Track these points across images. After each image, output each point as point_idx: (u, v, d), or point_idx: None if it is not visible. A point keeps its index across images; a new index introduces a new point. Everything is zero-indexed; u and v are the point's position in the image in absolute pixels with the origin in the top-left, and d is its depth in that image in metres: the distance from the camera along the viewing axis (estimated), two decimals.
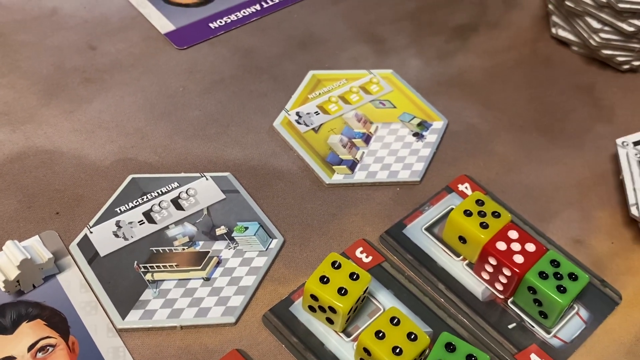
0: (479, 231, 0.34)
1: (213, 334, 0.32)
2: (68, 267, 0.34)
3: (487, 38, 0.49)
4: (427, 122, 0.42)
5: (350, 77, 0.45)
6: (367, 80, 0.45)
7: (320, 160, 0.39)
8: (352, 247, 0.36)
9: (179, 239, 0.36)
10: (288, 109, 0.42)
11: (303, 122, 0.41)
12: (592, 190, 0.40)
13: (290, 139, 0.40)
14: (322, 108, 0.43)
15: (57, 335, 0.32)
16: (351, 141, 0.41)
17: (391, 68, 0.46)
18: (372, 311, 0.33)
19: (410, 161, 0.40)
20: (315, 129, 0.41)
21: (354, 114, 0.42)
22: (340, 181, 0.39)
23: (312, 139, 0.41)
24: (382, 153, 0.40)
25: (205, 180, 0.38)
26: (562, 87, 0.46)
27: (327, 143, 0.40)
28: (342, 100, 0.43)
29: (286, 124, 0.41)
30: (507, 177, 0.40)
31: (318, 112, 0.42)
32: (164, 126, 0.41)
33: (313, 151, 0.40)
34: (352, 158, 0.40)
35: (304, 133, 0.41)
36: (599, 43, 0.44)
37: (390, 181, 0.39)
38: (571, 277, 0.32)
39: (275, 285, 0.34)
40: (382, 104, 0.43)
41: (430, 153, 0.41)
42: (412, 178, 0.39)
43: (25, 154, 0.39)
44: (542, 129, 0.43)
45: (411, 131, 0.42)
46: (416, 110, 0.43)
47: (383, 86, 0.44)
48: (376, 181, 0.39)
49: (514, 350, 0.33)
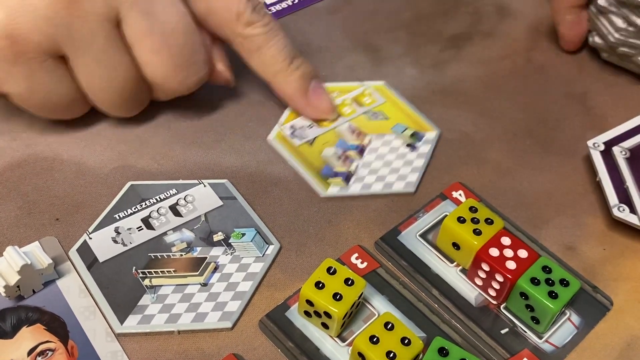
0: (472, 238, 0.34)
1: (210, 339, 0.33)
2: (67, 273, 0.35)
3: (481, 47, 0.50)
4: (420, 132, 0.43)
5: (342, 90, 0.45)
6: (360, 92, 0.45)
7: (315, 173, 0.40)
8: (347, 253, 0.36)
9: (177, 245, 0.36)
10: (282, 123, 0.43)
11: (297, 136, 0.42)
12: (584, 197, 0.40)
13: (285, 152, 0.41)
14: (315, 121, 0.43)
15: (56, 340, 0.32)
16: (345, 153, 0.41)
17: (387, 77, 0.47)
18: (367, 316, 0.34)
19: (405, 172, 0.40)
20: (310, 142, 0.42)
21: (347, 126, 0.43)
22: (335, 194, 0.39)
23: (306, 152, 0.41)
24: (376, 165, 0.41)
25: (203, 187, 0.39)
26: (555, 96, 0.47)
27: (321, 156, 0.41)
28: None
29: (281, 137, 0.42)
30: (500, 184, 0.41)
31: (312, 125, 0.43)
32: (162, 133, 0.42)
33: (308, 164, 0.40)
34: (347, 170, 0.40)
35: (299, 146, 0.41)
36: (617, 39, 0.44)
37: (385, 192, 0.39)
38: (563, 283, 0.33)
39: (271, 290, 0.35)
40: (375, 116, 0.43)
41: (424, 163, 0.41)
42: (406, 189, 0.39)
43: (26, 162, 0.39)
44: (535, 137, 0.44)
45: (404, 142, 0.42)
46: (409, 121, 0.43)
47: (376, 98, 0.45)
48: (371, 193, 0.39)
49: (507, 355, 0.33)
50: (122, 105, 0.39)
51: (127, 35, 0.37)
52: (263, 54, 0.40)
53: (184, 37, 0.37)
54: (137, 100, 0.40)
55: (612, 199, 0.38)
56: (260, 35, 0.39)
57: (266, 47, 0.40)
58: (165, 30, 0.37)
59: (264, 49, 0.40)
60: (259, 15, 0.39)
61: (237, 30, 0.39)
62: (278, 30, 0.40)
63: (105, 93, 0.38)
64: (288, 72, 0.41)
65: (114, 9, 0.35)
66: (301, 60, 0.41)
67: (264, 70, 0.41)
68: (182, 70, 0.38)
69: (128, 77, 0.38)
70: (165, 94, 0.40)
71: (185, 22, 0.38)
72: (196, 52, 0.39)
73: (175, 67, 0.38)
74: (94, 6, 0.35)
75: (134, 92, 0.39)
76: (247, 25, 0.39)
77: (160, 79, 0.38)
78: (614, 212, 0.37)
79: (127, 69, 0.37)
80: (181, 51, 0.38)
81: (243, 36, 0.39)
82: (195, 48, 0.38)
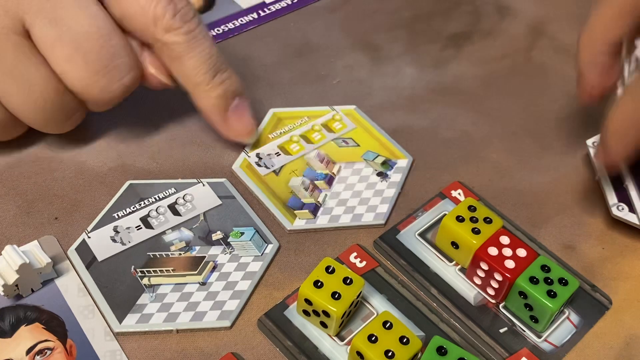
0: (471, 237, 0.34)
1: (209, 338, 0.33)
2: (66, 272, 0.35)
3: (482, 46, 0.50)
4: (391, 160, 0.41)
5: (312, 115, 0.43)
6: (330, 117, 0.43)
7: (281, 205, 0.38)
8: (346, 252, 0.36)
9: (176, 244, 0.36)
10: (248, 151, 0.40)
11: (263, 165, 0.40)
12: (584, 197, 0.40)
13: (251, 182, 0.39)
14: (283, 148, 0.41)
15: (55, 339, 0.32)
16: (313, 183, 0.39)
17: (386, 76, 0.47)
18: (366, 315, 0.34)
19: (375, 203, 0.38)
20: (276, 171, 0.40)
21: (316, 153, 0.41)
22: (302, 227, 0.37)
23: (272, 182, 0.39)
24: (345, 195, 0.39)
25: (202, 186, 0.39)
26: (556, 95, 0.47)
27: (288, 186, 0.39)
28: (304, 140, 0.41)
29: (246, 166, 0.40)
30: (499, 183, 0.41)
31: (279, 153, 0.41)
32: (161, 132, 0.42)
33: (274, 195, 0.38)
34: (315, 201, 0.38)
35: (265, 176, 0.39)
36: None
37: (353, 225, 0.37)
38: (561, 282, 0.33)
39: (270, 289, 0.35)
40: (345, 143, 0.41)
41: (395, 193, 0.39)
42: (376, 221, 0.38)
43: (25, 160, 0.39)
44: (535, 136, 0.44)
45: (375, 170, 0.40)
46: (380, 148, 0.42)
47: (346, 123, 0.43)
48: (339, 225, 0.37)
49: (505, 354, 0.33)
50: (49, 120, 0.37)
51: (38, 46, 0.34)
52: (183, 64, 0.37)
53: (99, 42, 0.34)
54: (65, 114, 0.37)
55: (611, 198, 0.38)
56: (180, 44, 0.36)
57: (187, 57, 0.36)
58: (77, 37, 0.34)
59: (185, 58, 0.36)
60: (181, 21, 0.36)
61: (155, 36, 0.36)
62: (203, 39, 0.37)
63: (26, 109, 0.36)
64: (209, 87, 0.37)
65: (18, 20, 0.33)
66: (227, 74, 0.38)
67: (184, 81, 0.38)
68: (102, 77, 0.35)
69: (48, 90, 0.35)
70: (95, 105, 0.37)
71: (99, 26, 0.35)
72: (116, 56, 0.35)
73: (92, 74, 0.35)
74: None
75: (59, 106, 0.36)
76: (166, 32, 0.36)
77: (79, 88, 0.35)
78: (613, 211, 0.37)
79: (44, 81, 0.35)
80: (97, 57, 0.35)
81: (162, 42, 0.36)
82: (114, 52, 0.35)
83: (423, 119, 0.44)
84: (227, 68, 0.38)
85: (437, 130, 0.44)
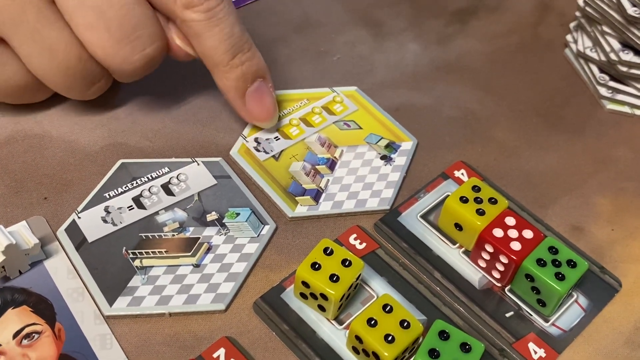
0: (475, 218, 0.33)
1: (202, 321, 0.32)
2: (55, 253, 0.33)
3: (487, 22, 0.48)
4: (395, 143, 0.39)
5: (312, 97, 0.42)
6: (330, 99, 0.42)
7: (282, 192, 0.36)
8: (345, 234, 0.35)
9: (169, 225, 0.35)
10: (246, 135, 0.39)
11: (262, 149, 0.38)
12: (592, 177, 0.39)
13: (249, 168, 0.37)
14: (282, 132, 0.39)
15: (43, 322, 0.31)
16: (315, 168, 0.38)
17: (388, 52, 0.45)
18: (365, 299, 0.33)
19: (379, 187, 0.37)
20: (276, 156, 0.38)
21: (316, 137, 0.39)
22: (304, 214, 0.36)
23: (272, 167, 0.38)
24: (348, 180, 0.37)
25: (196, 165, 0.38)
26: (564, 72, 0.45)
27: (289, 172, 0.38)
28: (304, 123, 0.40)
29: (244, 152, 0.38)
30: (505, 163, 0.39)
31: (278, 137, 0.39)
32: (155, 110, 0.41)
33: (274, 181, 0.37)
34: (317, 187, 0.37)
35: (264, 161, 0.38)
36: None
37: (357, 211, 0.36)
38: (570, 264, 0.32)
39: (266, 272, 0.34)
40: (347, 125, 0.40)
41: (400, 177, 0.38)
42: (381, 206, 0.36)
43: (14, 139, 0.38)
44: (543, 115, 0.42)
45: (379, 154, 0.39)
46: (383, 130, 0.40)
47: (347, 105, 0.41)
48: (343, 212, 0.36)
49: (512, 339, 0.32)
50: (72, 86, 0.36)
51: (61, 10, 0.34)
52: (202, 43, 0.36)
53: (122, 10, 0.34)
54: (89, 81, 0.36)
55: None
56: (199, 22, 0.35)
57: (206, 36, 0.35)
58: (99, 3, 0.33)
59: (203, 37, 0.35)
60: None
61: (175, 12, 0.35)
62: (225, 18, 0.35)
63: (49, 74, 0.35)
64: (227, 68, 0.36)
65: None
66: (249, 55, 0.37)
67: (203, 59, 0.37)
68: (124, 47, 0.34)
69: (70, 56, 0.34)
70: (118, 74, 0.36)
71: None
72: (139, 26, 0.34)
73: (114, 43, 0.34)
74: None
75: (82, 72, 0.35)
76: (185, 8, 0.35)
77: (101, 56, 0.35)
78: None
79: (66, 47, 0.34)
80: (119, 26, 0.34)
81: (181, 19, 0.35)
82: (137, 22, 0.34)
83: (427, 97, 0.43)
84: (249, 48, 0.37)
85: (441, 108, 0.42)
